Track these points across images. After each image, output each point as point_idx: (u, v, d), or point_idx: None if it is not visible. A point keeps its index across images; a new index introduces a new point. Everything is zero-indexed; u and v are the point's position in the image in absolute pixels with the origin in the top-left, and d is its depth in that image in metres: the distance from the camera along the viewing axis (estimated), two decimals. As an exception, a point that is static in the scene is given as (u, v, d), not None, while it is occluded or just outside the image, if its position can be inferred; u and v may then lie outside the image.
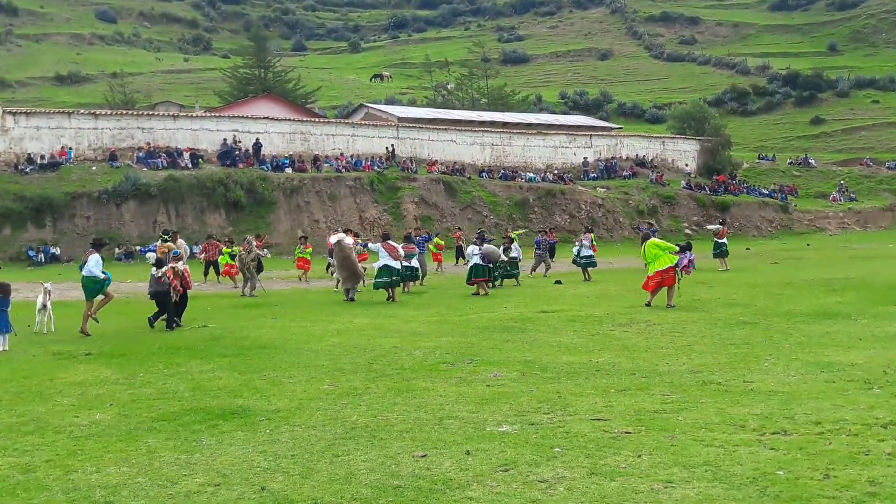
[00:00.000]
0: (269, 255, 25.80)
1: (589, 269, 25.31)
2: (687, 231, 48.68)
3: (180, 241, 23.64)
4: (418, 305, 18.73)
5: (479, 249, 21.28)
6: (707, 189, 55.67)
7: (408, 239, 23.19)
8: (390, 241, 20.86)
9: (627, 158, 58.31)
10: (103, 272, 15.24)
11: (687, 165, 59.92)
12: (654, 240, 17.71)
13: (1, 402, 8.95)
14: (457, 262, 34.59)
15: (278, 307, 18.79)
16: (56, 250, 36.19)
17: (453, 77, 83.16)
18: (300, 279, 26.92)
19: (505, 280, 24.02)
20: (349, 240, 20.66)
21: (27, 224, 37.05)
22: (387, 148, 49.11)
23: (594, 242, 26.89)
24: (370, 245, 21.88)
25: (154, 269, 16.04)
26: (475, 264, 21.03)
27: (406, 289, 21.96)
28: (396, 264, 20.08)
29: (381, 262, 19.96)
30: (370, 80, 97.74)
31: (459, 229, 40.06)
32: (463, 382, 9.38)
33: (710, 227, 30.24)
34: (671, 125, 66.76)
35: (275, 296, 21.80)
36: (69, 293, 19.44)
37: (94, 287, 15.15)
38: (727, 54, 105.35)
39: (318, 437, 7.12)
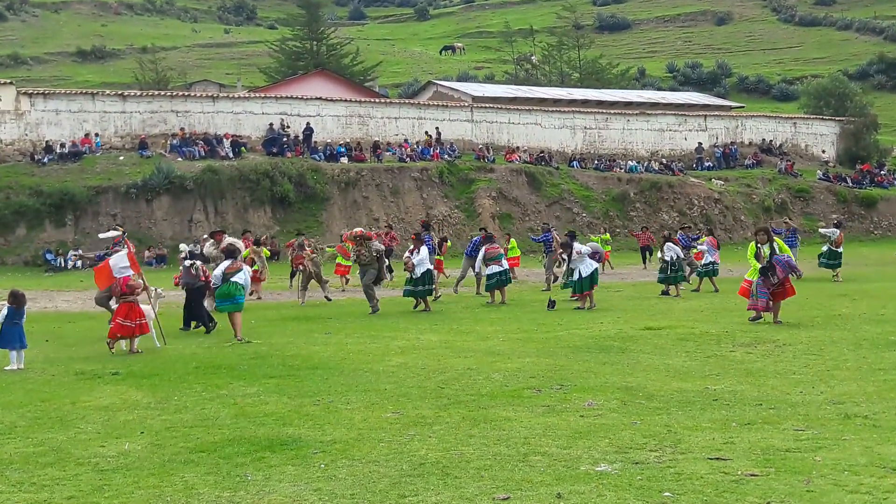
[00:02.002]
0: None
1: (713, 277, 24.97)
2: (822, 230, 47.63)
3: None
4: (496, 320, 18.72)
5: (586, 249, 20.96)
6: (848, 181, 54.48)
7: (489, 239, 23.55)
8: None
9: (750, 144, 57.45)
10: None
11: (824, 152, 58.72)
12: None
13: (16, 429, 9.22)
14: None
15: (332, 321, 18.99)
16: (77, 262, 36.07)
17: (538, 48, 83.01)
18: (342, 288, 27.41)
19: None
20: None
21: (45, 223, 38.18)
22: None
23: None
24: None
25: (186, 260, 16.98)
26: (591, 271, 20.72)
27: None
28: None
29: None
30: (440, 52, 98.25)
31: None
32: (551, 412, 9.33)
33: (824, 230, 28.48)
34: (804, 103, 65.57)
35: (329, 307, 22.04)
36: (92, 303, 19.96)
37: None
38: (873, 17, 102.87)
39: (380, 473, 7.16)
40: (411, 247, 21.42)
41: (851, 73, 79.28)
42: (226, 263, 16.25)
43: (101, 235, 19.53)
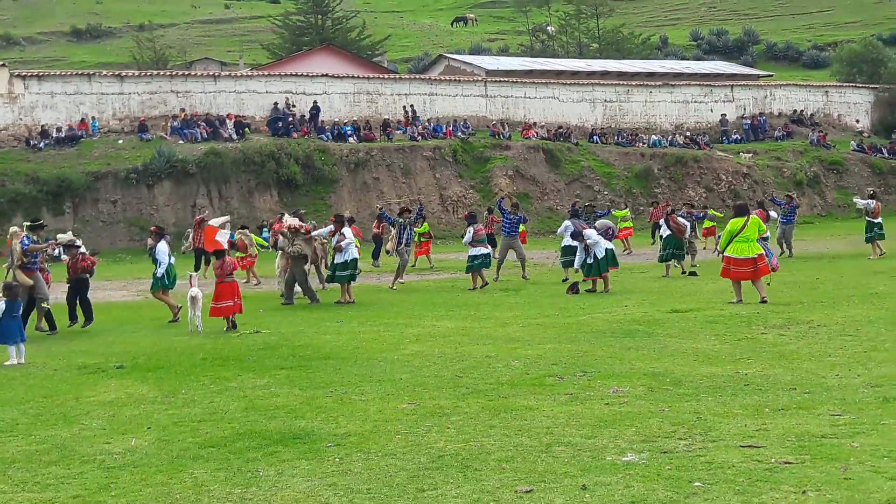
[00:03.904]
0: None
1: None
2: (858, 202, 47.38)
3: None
4: (515, 305, 18.74)
5: (594, 234, 20.90)
6: (884, 151, 54.13)
7: (473, 219, 23.95)
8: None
9: (780, 114, 57.16)
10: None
11: (858, 122, 58.39)
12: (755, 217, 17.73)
13: (18, 426, 9.30)
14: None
15: (344, 309, 19.04)
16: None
17: (555, 18, 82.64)
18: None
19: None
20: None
21: (42, 211, 38.24)
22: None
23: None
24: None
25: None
26: (608, 249, 20.64)
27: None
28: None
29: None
30: (451, 24, 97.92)
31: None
32: (575, 400, 9.35)
33: (859, 201, 28.80)
34: (837, 70, 65.17)
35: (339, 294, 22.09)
36: (95, 294, 20.01)
37: None
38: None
39: (397, 467, 7.19)
40: (331, 228, 20.78)
41: (885, 37, 78.44)
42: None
43: (59, 237, 19.51)
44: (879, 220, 27.14)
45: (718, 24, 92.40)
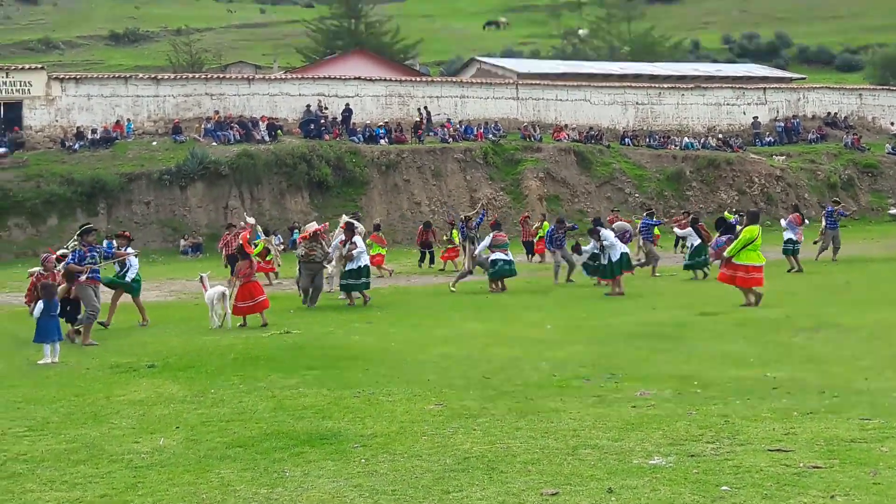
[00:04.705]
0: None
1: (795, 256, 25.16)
2: (892, 210, 47.05)
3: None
4: (543, 307, 18.70)
5: (611, 235, 20.88)
6: (919, 154, 53.61)
7: (497, 226, 23.91)
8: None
9: (814, 117, 56.74)
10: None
11: (892, 124, 57.92)
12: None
13: (48, 424, 9.35)
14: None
15: (374, 310, 19.06)
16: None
17: (586, 21, 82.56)
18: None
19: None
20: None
21: (76, 212, 38.63)
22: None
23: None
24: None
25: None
26: (624, 253, 20.76)
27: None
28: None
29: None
30: (483, 28, 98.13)
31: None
32: (602, 402, 9.31)
33: (893, 210, 28.92)
34: (870, 73, 64.71)
35: (371, 296, 22.10)
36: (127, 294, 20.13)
37: None
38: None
39: (423, 468, 7.17)
40: (342, 237, 20.38)
41: (920, 40, 77.85)
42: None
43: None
44: None
45: (750, 28, 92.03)
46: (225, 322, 16.91)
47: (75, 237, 16.72)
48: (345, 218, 21.81)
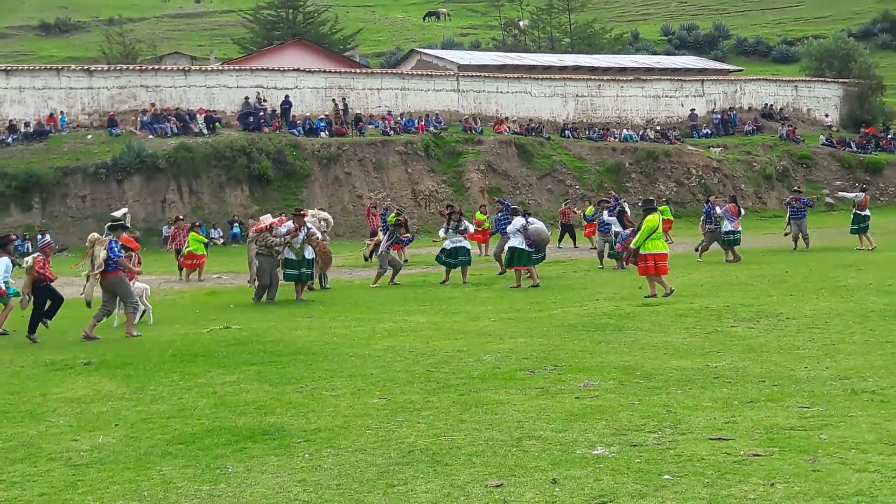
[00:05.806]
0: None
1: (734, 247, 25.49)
2: (828, 200, 47.83)
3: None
4: (487, 299, 18.75)
5: (525, 225, 20.80)
6: (853, 146, 54.54)
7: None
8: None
9: (750, 109, 57.46)
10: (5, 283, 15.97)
11: (827, 116, 58.82)
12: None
13: (-15, 423, 9.22)
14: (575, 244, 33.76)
15: (315, 304, 18.98)
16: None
17: (526, 12, 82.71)
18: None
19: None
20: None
21: (10, 207, 38.04)
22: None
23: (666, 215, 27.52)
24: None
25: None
26: (516, 248, 20.68)
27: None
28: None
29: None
30: (423, 19, 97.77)
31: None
32: (546, 394, 9.37)
33: (846, 195, 29.55)
34: (806, 65, 65.43)
35: (310, 292, 22.01)
36: (63, 290, 19.82)
37: None
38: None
39: (368, 462, 7.18)
40: (294, 226, 19.98)
41: (855, 32, 79.01)
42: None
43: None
44: (867, 212, 27.63)
45: (689, 19, 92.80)
46: (147, 317, 17.05)
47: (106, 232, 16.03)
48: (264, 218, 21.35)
